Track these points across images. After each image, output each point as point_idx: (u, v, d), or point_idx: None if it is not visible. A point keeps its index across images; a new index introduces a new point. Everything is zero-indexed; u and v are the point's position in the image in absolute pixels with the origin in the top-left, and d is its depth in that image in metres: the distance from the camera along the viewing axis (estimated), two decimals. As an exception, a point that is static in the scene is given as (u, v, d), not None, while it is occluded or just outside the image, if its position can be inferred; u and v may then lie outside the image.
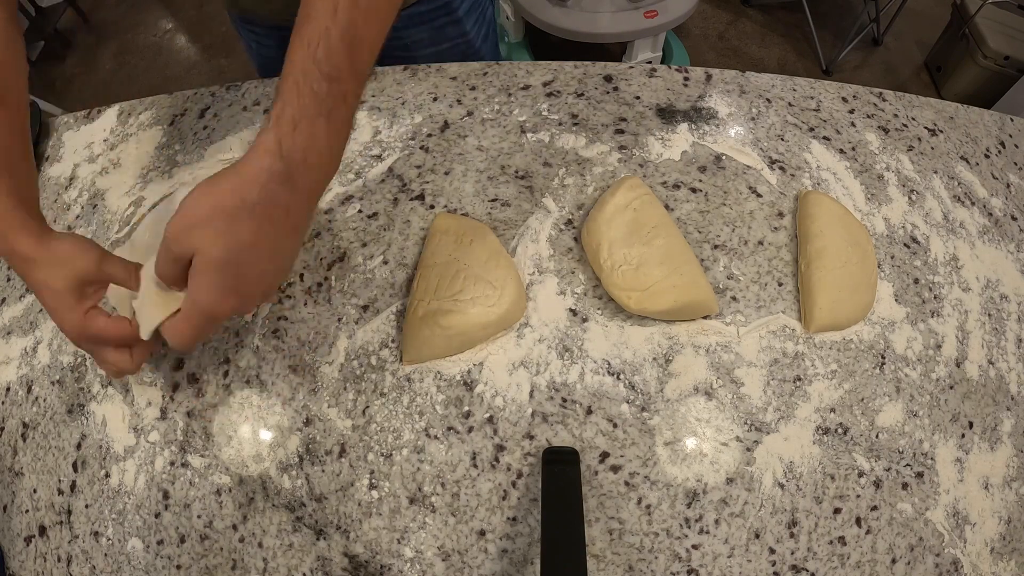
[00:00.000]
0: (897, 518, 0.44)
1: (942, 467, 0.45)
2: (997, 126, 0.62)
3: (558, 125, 0.57)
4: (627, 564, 0.42)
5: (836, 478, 0.44)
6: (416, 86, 0.60)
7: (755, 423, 0.45)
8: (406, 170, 0.55)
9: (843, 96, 0.61)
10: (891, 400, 0.46)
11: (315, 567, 0.43)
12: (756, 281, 0.50)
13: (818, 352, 0.47)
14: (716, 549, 0.42)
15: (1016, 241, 0.55)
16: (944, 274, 0.52)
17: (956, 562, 0.43)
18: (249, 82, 0.63)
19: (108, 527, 0.45)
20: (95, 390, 0.48)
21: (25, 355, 0.51)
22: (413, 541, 0.43)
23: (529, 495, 0.43)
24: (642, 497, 0.43)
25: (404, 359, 0.46)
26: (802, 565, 0.42)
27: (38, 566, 0.45)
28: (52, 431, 0.48)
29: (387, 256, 0.51)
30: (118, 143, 0.61)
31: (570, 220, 0.52)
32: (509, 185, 0.54)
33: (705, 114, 0.58)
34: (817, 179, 0.55)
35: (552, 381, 0.46)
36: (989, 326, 0.50)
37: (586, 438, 0.44)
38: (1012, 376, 0.49)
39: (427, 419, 0.45)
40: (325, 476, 0.44)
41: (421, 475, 0.44)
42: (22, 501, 0.47)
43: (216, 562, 0.43)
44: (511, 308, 0.46)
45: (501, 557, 0.42)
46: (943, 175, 0.57)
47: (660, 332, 0.47)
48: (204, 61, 2.07)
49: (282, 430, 0.46)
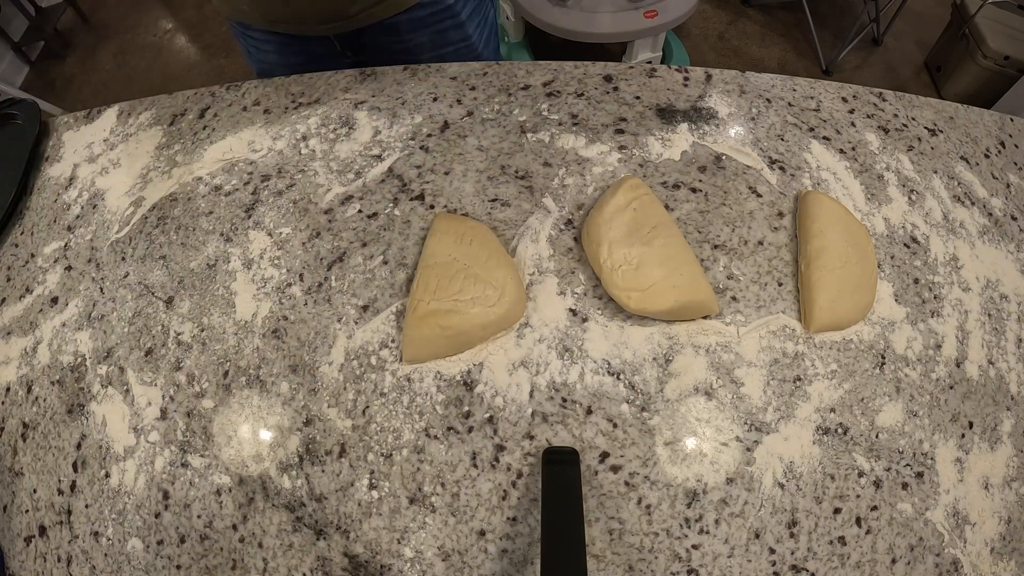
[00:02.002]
0: (897, 518, 0.44)
1: (942, 467, 0.45)
2: (997, 126, 0.62)
3: (558, 125, 0.57)
4: (627, 564, 0.42)
5: (836, 478, 0.44)
6: (416, 86, 0.60)
7: (755, 423, 0.45)
8: (406, 170, 0.55)
9: (843, 96, 0.61)
10: (891, 400, 0.46)
11: (315, 567, 0.43)
12: (756, 281, 0.50)
13: (818, 352, 0.47)
14: (716, 549, 0.42)
15: (1016, 241, 0.55)
16: (944, 274, 0.52)
17: (956, 562, 0.43)
18: (249, 82, 0.63)
19: (108, 527, 0.45)
20: (95, 390, 0.48)
21: (25, 355, 0.51)
22: (413, 541, 0.43)
23: (529, 495, 0.43)
24: (642, 497, 0.43)
25: (404, 359, 0.46)
26: (802, 565, 0.42)
27: (38, 566, 0.45)
28: (52, 431, 0.48)
29: (387, 256, 0.51)
30: (118, 143, 0.61)
31: (570, 220, 0.52)
32: (509, 185, 0.54)
33: (705, 114, 0.58)
34: (817, 179, 0.55)
35: (552, 381, 0.46)
36: (989, 326, 0.50)
37: (586, 438, 0.44)
38: (1012, 376, 0.49)
39: (427, 419, 0.45)
40: (325, 476, 0.44)
41: (421, 475, 0.44)
42: (22, 501, 0.47)
43: (216, 562, 0.43)
44: (511, 308, 0.46)
45: (501, 557, 0.42)
46: (943, 175, 0.57)
47: (660, 332, 0.47)
48: (204, 61, 2.07)
49: (282, 430, 0.46)
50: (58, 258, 0.55)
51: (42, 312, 0.52)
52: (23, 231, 0.58)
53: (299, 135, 0.58)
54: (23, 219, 0.59)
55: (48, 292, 0.53)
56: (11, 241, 0.58)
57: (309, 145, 0.57)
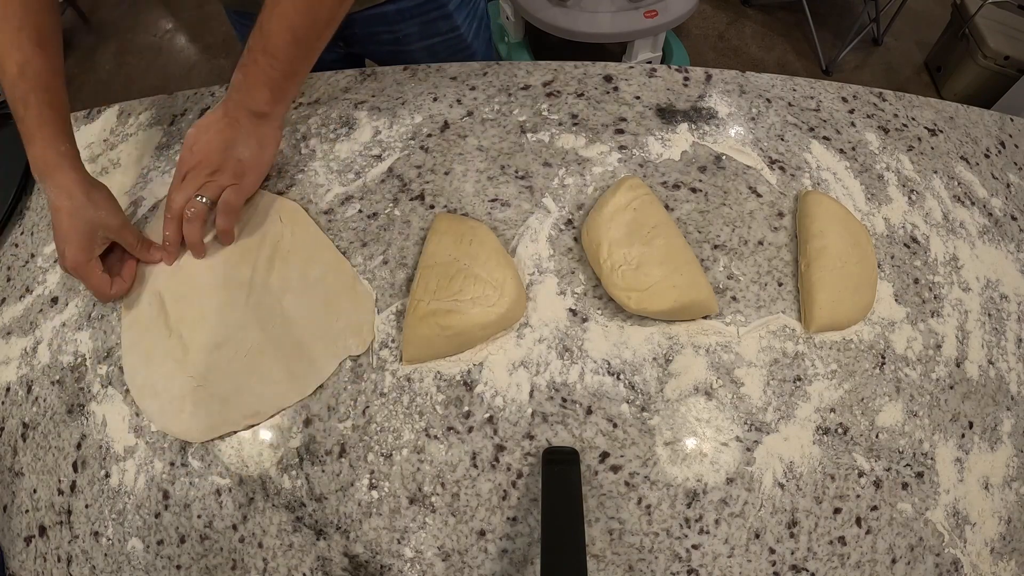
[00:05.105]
0: (897, 518, 0.44)
1: (942, 467, 0.45)
2: (997, 126, 0.62)
3: (558, 125, 0.57)
4: (627, 564, 0.42)
5: (836, 478, 0.44)
6: (416, 86, 0.60)
7: (755, 423, 0.45)
8: (406, 170, 0.55)
9: (843, 96, 0.61)
10: (891, 400, 0.46)
11: (315, 567, 0.43)
12: (756, 281, 0.50)
13: (818, 352, 0.47)
14: (716, 549, 0.42)
15: (1016, 241, 0.55)
16: (944, 274, 0.52)
17: (956, 562, 0.43)
18: (249, 82, 0.63)
19: (108, 527, 0.45)
20: (95, 390, 0.48)
21: (25, 355, 0.51)
22: (413, 541, 0.43)
23: (529, 495, 0.43)
24: (642, 497, 0.43)
25: (404, 359, 0.46)
26: (802, 565, 0.42)
27: (38, 566, 0.45)
28: (52, 431, 0.48)
29: (387, 256, 0.51)
30: (118, 143, 0.61)
31: (570, 220, 0.52)
32: (509, 185, 0.54)
33: (705, 114, 0.58)
34: (817, 179, 0.55)
35: (552, 381, 0.46)
36: (989, 326, 0.50)
37: (586, 438, 0.44)
38: (1012, 376, 0.49)
39: (427, 419, 0.45)
40: (325, 476, 0.44)
41: (421, 475, 0.44)
42: (22, 501, 0.47)
43: (216, 562, 0.43)
44: (511, 308, 0.46)
45: (501, 557, 0.42)
46: (943, 175, 0.57)
47: (660, 332, 0.47)
48: (204, 61, 2.07)
49: (282, 430, 0.46)
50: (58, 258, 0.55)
51: (42, 312, 0.52)
52: (23, 231, 0.58)
53: (299, 135, 0.58)
54: (23, 219, 0.59)
55: (48, 292, 0.53)
56: (11, 241, 0.58)
57: (309, 145, 0.57)
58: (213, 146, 0.49)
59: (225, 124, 0.49)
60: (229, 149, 0.49)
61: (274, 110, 0.50)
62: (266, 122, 0.50)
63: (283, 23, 0.46)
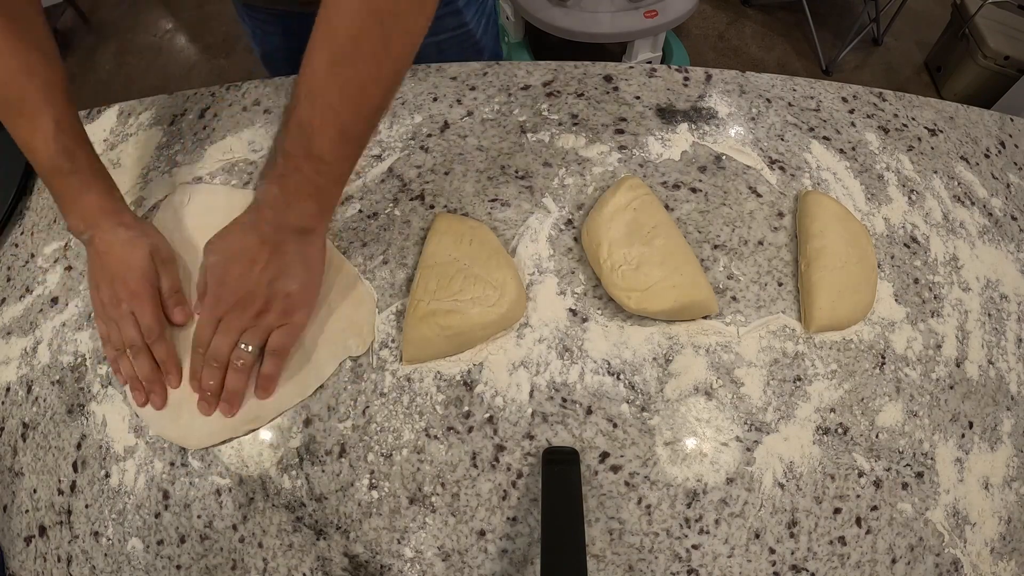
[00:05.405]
0: (897, 518, 0.44)
1: (942, 467, 0.45)
2: (997, 126, 0.62)
3: (558, 125, 0.57)
4: (627, 564, 0.42)
5: (836, 478, 0.44)
6: (416, 86, 0.60)
7: (755, 423, 0.45)
8: (406, 170, 0.55)
9: (843, 96, 0.61)
10: (891, 400, 0.46)
11: (315, 567, 0.43)
12: (756, 281, 0.50)
13: (818, 352, 0.47)
14: (716, 549, 0.42)
15: (1016, 241, 0.55)
16: (944, 274, 0.52)
17: (956, 562, 0.43)
18: (249, 82, 0.63)
19: (108, 527, 0.45)
20: (95, 390, 0.48)
21: (25, 355, 0.51)
22: (413, 541, 0.43)
23: (529, 495, 0.43)
24: (642, 497, 0.43)
25: (404, 359, 0.46)
26: (802, 565, 0.42)
27: (38, 566, 0.45)
28: (52, 431, 0.48)
29: (387, 256, 0.51)
30: (118, 143, 0.61)
31: (570, 220, 0.52)
32: (509, 185, 0.54)
33: (705, 114, 0.58)
34: (817, 179, 0.55)
35: (552, 381, 0.46)
36: (989, 326, 0.50)
37: (586, 438, 0.44)
38: (1012, 376, 0.49)
39: (427, 419, 0.45)
40: (325, 476, 0.44)
41: (421, 475, 0.44)
42: (22, 501, 0.47)
43: (216, 562, 0.43)
44: (511, 308, 0.46)
45: (501, 557, 0.42)
46: (943, 175, 0.57)
47: (660, 332, 0.47)
48: (204, 61, 2.07)
49: (282, 430, 0.46)
50: (58, 258, 0.55)
51: (42, 312, 0.52)
52: (23, 231, 0.58)
53: (299, 135, 0.58)
54: (23, 219, 0.59)
55: (48, 292, 0.53)
56: (11, 241, 0.58)
57: (309, 145, 0.57)
58: (254, 280, 0.42)
59: (264, 251, 0.42)
60: (274, 283, 0.42)
61: (320, 225, 0.43)
62: (311, 240, 0.43)
63: (328, 116, 0.38)
